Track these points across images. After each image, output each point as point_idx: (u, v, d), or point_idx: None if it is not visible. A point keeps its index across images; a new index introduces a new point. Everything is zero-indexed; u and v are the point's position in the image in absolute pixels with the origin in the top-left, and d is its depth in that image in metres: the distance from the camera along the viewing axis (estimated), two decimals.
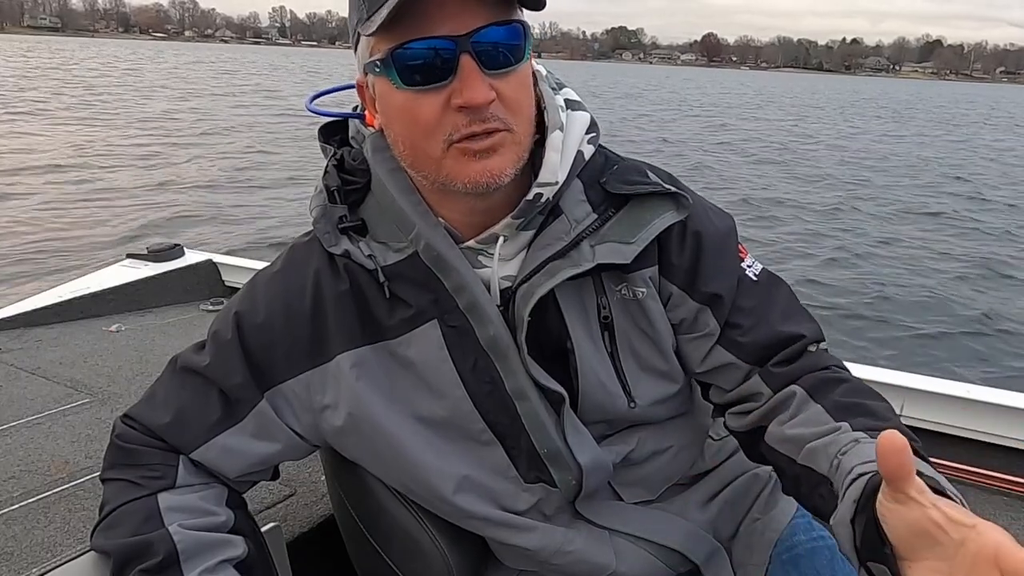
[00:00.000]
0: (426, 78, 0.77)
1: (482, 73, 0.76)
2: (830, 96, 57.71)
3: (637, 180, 0.89)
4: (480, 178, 0.80)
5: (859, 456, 0.72)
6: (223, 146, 14.74)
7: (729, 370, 0.94)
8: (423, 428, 0.92)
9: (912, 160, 17.47)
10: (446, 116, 0.78)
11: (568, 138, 0.89)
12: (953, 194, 12.71)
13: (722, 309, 0.92)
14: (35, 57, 56.05)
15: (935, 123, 32.03)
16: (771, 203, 11.13)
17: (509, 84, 0.79)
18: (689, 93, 48.76)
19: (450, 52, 0.76)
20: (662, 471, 1.02)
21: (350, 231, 0.90)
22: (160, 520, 0.86)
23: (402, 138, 0.83)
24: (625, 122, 23.70)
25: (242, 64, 63.14)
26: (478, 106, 0.76)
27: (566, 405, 0.91)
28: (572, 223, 0.88)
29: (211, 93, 28.78)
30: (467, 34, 0.75)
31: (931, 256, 8.45)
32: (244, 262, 2.93)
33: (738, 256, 0.95)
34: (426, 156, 0.81)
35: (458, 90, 0.76)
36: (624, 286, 0.91)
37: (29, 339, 2.35)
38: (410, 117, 0.79)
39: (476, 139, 0.78)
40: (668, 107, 33.69)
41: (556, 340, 0.90)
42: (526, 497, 0.96)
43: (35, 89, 25.84)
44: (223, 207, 9.47)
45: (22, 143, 13.48)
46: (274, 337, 0.91)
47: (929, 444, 1.84)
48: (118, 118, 18.19)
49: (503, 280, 0.89)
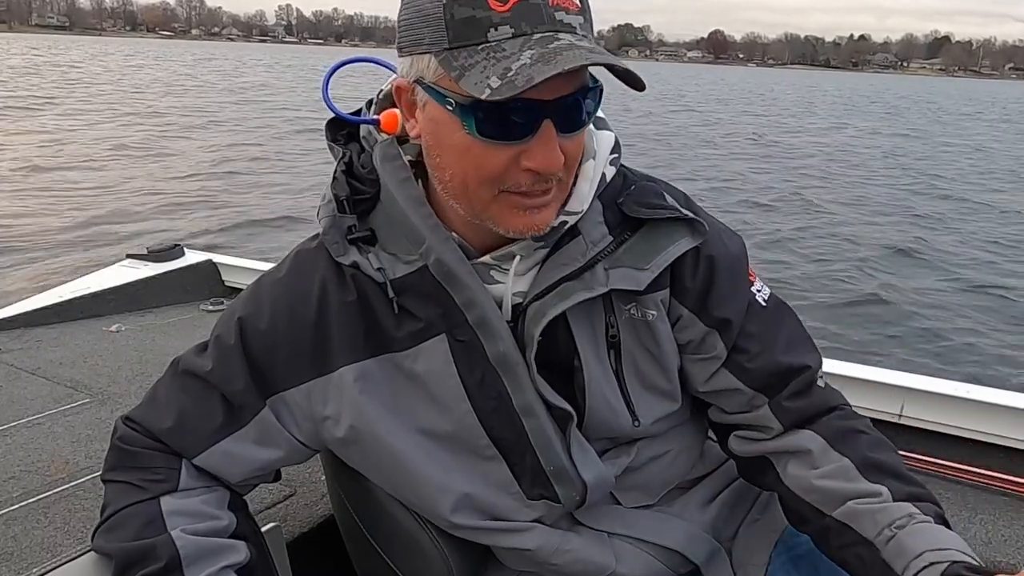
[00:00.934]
0: (503, 134, 0.75)
1: (557, 137, 0.76)
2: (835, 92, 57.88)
3: (655, 204, 0.89)
4: (527, 229, 0.81)
5: (925, 540, 0.79)
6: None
7: (734, 395, 0.95)
8: (426, 441, 0.92)
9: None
10: (511, 171, 0.77)
11: (596, 163, 0.89)
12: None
13: (730, 333, 0.93)
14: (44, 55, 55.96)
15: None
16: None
17: (575, 144, 0.79)
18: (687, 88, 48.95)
19: (534, 115, 0.74)
20: (660, 476, 1.02)
21: (359, 242, 0.89)
22: (163, 524, 0.86)
23: (453, 171, 0.80)
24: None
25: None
26: (551, 175, 0.77)
27: (573, 423, 0.91)
28: (588, 244, 0.87)
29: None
30: (554, 99, 0.74)
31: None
32: (244, 262, 2.92)
33: (748, 280, 0.96)
34: (476, 198, 0.80)
35: (532, 153, 0.75)
36: (634, 306, 0.90)
37: (29, 339, 2.35)
38: (473, 162, 0.77)
39: (532, 195, 0.79)
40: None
41: (564, 358, 0.90)
42: (527, 512, 0.96)
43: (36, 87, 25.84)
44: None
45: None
46: (277, 344, 0.91)
47: (929, 444, 1.83)
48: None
49: (514, 296, 0.89)
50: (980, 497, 1.58)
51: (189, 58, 66.72)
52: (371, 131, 0.92)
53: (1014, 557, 1.37)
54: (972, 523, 1.47)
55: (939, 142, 22.08)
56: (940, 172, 15.18)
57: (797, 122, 27.14)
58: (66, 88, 26.25)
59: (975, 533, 1.44)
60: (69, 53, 63.55)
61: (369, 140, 0.92)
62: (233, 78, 38.76)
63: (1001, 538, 1.42)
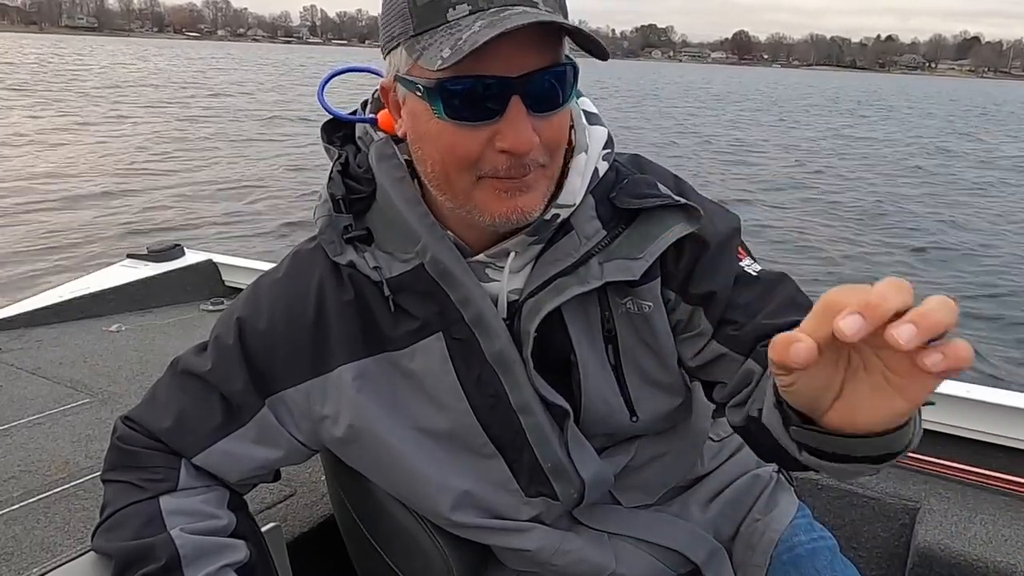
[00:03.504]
0: (473, 115, 0.75)
1: (529, 116, 0.75)
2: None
3: (646, 193, 0.88)
4: (510, 215, 0.79)
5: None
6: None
7: (724, 362, 0.90)
8: (425, 440, 0.92)
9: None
10: (486, 154, 0.77)
11: (588, 157, 0.88)
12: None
13: (715, 307, 0.89)
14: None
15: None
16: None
17: (551, 125, 0.78)
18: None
19: (501, 92, 0.74)
20: (660, 476, 1.02)
21: (355, 241, 0.89)
22: (162, 524, 0.86)
23: (433, 162, 0.80)
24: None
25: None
26: (523, 154, 0.76)
27: (570, 420, 0.90)
28: (582, 240, 0.87)
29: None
30: (521, 75, 0.74)
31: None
32: (244, 262, 2.92)
33: (736, 256, 0.93)
34: (456, 186, 0.80)
35: (503, 133, 0.75)
36: (630, 300, 0.89)
37: (29, 339, 2.35)
38: (447, 147, 0.77)
39: (511, 178, 0.78)
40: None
41: (560, 354, 0.90)
42: (526, 510, 0.96)
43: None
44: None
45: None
46: (276, 344, 0.91)
47: (929, 444, 1.83)
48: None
49: (510, 293, 0.89)
50: (980, 497, 1.57)
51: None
52: (367, 131, 0.92)
53: (1014, 557, 1.37)
54: (972, 523, 1.47)
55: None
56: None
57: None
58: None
59: (975, 533, 1.44)
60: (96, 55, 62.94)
61: (365, 140, 0.92)
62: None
63: (1001, 538, 1.42)
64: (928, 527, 1.45)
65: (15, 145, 13.01)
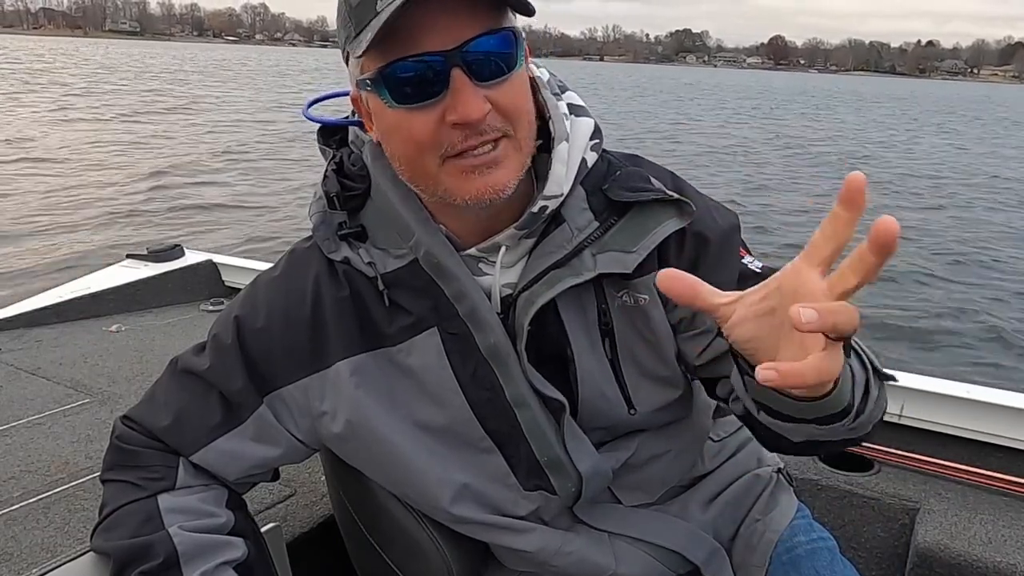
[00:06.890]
0: (418, 95, 0.76)
1: (475, 86, 0.75)
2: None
3: (640, 187, 0.88)
4: (482, 194, 0.79)
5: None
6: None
7: (728, 357, 0.87)
8: (422, 435, 0.92)
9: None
10: (441, 132, 0.77)
11: (572, 147, 0.88)
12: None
13: None
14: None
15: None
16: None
17: (504, 93, 0.78)
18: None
19: (440, 67, 0.74)
20: (660, 475, 1.02)
21: (350, 237, 0.90)
22: (160, 522, 0.87)
23: (398, 154, 0.82)
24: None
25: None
26: (473, 123, 0.76)
27: (566, 413, 0.90)
28: (574, 231, 0.87)
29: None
30: (456, 47, 0.74)
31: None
32: (244, 262, 2.92)
33: (738, 254, 0.93)
34: (423, 172, 0.80)
35: (451, 106, 0.75)
36: (626, 292, 0.89)
37: (29, 339, 2.35)
38: (404, 134, 0.78)
39: (474, 154, 0.78)
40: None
41: (556, 347, 0.90)
42: (525, 504, 0.96)
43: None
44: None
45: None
46: (273, 342, 0.91)
47: (929, 444, 1.83)
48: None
49: (504, 287, 0.89)
50: (980, 497, 1.57)
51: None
52: (358, 134, 0.93)
53: (1014, 557, 1.37)
54: (972, 523, 1.47)
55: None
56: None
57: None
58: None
59: (975, 533, 1.44)
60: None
61: (357, 143, 0.93)
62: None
63: (1001, 538, 1.42)
64: (928, 527, 1.45)
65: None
